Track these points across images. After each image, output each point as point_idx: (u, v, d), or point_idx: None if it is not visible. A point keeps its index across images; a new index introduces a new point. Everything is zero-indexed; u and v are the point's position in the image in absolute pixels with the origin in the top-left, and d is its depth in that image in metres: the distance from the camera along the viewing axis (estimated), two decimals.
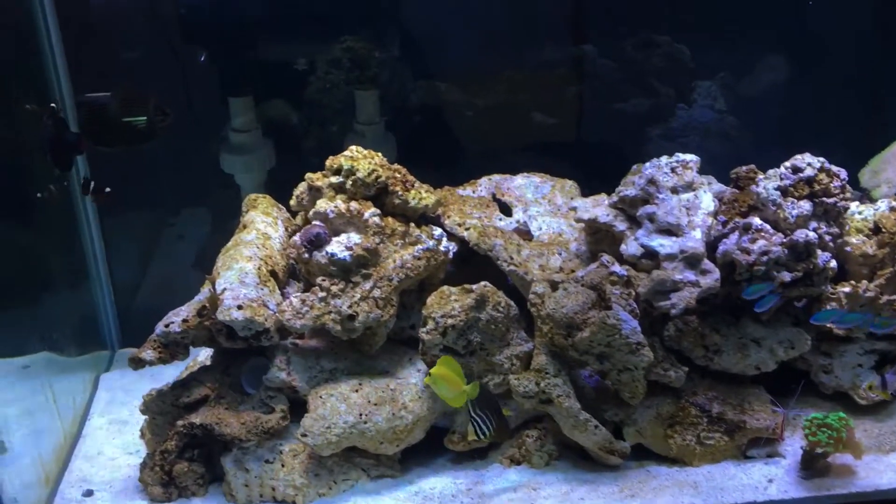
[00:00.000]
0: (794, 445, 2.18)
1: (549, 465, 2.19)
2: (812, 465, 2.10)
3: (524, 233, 2.37)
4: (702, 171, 2.44)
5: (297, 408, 2.12)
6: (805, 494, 2.06)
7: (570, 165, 2.94)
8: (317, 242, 2.10)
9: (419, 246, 2.18)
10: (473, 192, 2.48)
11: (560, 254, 2.31)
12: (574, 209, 2.35)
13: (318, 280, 2.10)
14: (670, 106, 3.21)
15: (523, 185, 2.52)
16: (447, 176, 2.64)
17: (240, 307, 2.01)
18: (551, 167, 2.72)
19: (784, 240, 2.10)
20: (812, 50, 3.01)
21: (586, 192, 2.59)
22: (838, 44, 2.90)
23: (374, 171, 2.19)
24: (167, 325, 2.05)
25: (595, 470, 2.17)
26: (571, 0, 3.09)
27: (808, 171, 2.16)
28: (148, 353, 2.05)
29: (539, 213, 2.45)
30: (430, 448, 2.20)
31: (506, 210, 2.50)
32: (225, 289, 2.04)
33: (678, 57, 3.20)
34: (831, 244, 2.18)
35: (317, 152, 2.81)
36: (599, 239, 2.33)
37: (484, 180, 2.54)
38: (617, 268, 2.15)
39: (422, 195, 2.25)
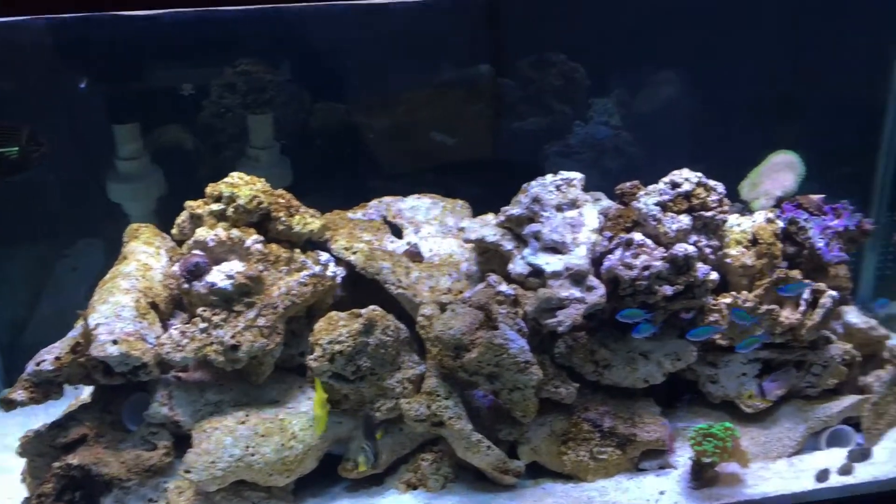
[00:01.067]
0: (685, 456, 2.21)
1: (446, 487, 2.17)
2: (701, 476, 2.13)
3: (415, 255, 2.36)
4: (598, 187, 2.48)
5: (184, 443, 2.06)
6: None
7: (470, 185, 2.94)
8: (196, 272, 2.05)
9: (305, 272, 2.14)
10: (364, 214, 2.47)
11: (451, 275, 2.30)
12: (463, 230, 2.34)
13: (199, 310, 2.05)
14: (567, 123, 3.25)
15: (414, 207, 2.52)
16: (347, 199, 2.62)
17: (115, 342, 1.95)
18: (452, 187, 2.72)
19: (665, 254, 2.13)
20: (704, 66, 3.09)
21: (488, 211, 2.60)
22: (729, 60, 2.98)
23: (255, 197, 2.15)
24: (38, 364, 1.98)
25: (491, 490, 2.16)
26: (469, 20, 3.11)
27: (686, 186, 2.20)
28: (19, 394, 1.97)
29: (430, 234, 2.44)
30: (325, 476, 2.16)
31: (398, 232, 2.49)
32: (99, 323, 1.97)
33: (573, 75, 3.25)
34: (712, 257, 2.23)
35: (211, 178, 2.77)
36: (489, 258, 2.33)
37: (374, 203, 2.53)
38: (503, 287, 2.15)
39: (307, 220, 2.22)
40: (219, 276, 2.05)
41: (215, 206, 2.16)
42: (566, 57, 3.19)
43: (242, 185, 2.17)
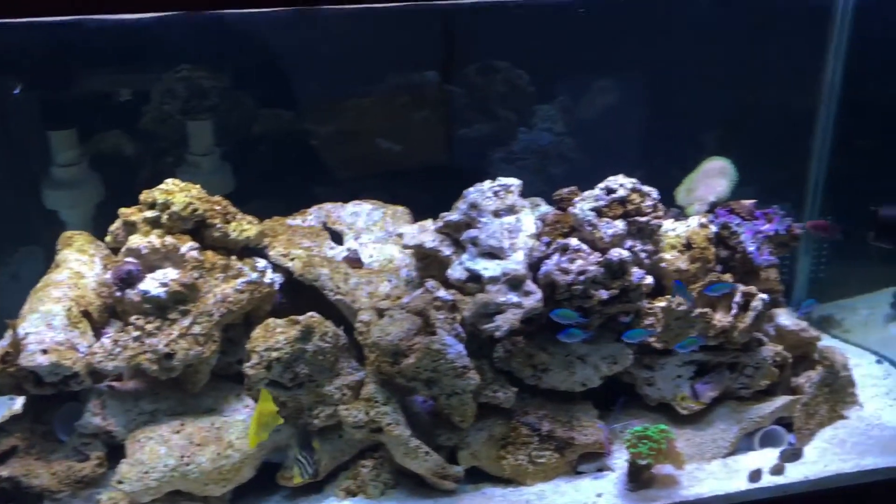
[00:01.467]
0: (623, 458, 2.23)
1: (385, 494, 2.17)
2: (638, 478, 2.15)
3: (354, 261, 2.36)
4: (542, 193, 2.50)
5: (118, 453, 2.04)
6: None
7: (417, 191, 2.95)
8: (129, 280, 2.03)
9: (241, 279, 2.13)
10: (304, 221, 2.46)
11: (390, 281, 2.31)
12: (401, 236, 2.35)
13: (132, 319, 2.03)
14: (511, 130, 3.27)
15: (355, 213, 2.52)
16: (291, 205, 2.60)
17: (45, 351, 1.92)
18: (398, 194, 2.71)
19: (600, 259, 2.16)
20: (643, 74, 3.14)
21: (433, 217, 2.60)
22: (667, 68, 3.03)
23: (190, 203, 2.13)
24: None
25: (431, 496, 2.16)
26: (414, 27, 3.12)
27: (621, 192, 2.23)
28: None
29: (370, 240, 2.45)
30: (264, 485, 2.15)
31: (339, 239, 2.49)
32: (29, 333, 1.94)
33: (517, 82, 3.28)
34: (647, 261, 2.26)
35: (151, 185, 2.74)
36: (428, 264, 2.34)
37: (314, 209, 2.52)
38: (441, 293, 2.16)
39: (243, 227, 2.21)
40: (152, 283, 2.03)
41: (149, 214, 2.14)
42: (510, 63, 3.22)
43: (177, 192, 2.15)
